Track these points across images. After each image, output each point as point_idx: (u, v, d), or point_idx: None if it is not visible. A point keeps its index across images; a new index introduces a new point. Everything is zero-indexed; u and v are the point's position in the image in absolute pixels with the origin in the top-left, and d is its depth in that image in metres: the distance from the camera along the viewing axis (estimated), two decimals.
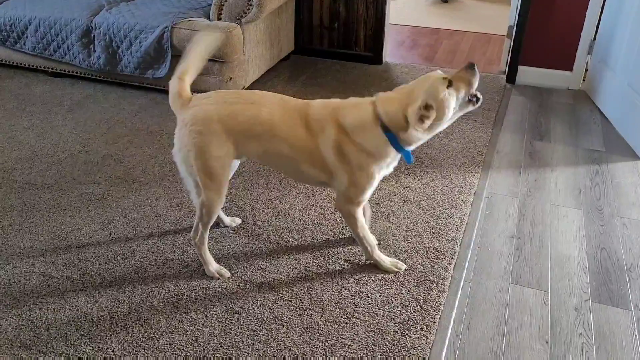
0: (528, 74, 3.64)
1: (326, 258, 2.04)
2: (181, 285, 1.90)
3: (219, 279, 1.91)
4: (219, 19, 3.17)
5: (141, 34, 3.13)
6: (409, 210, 2.33)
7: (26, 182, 2.47)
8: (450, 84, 1.61)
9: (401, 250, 2.09)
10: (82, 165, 2.60)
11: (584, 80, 3.58)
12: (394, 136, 1.68)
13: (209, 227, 1.87)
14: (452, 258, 2.06)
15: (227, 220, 2.19)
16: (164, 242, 2.10)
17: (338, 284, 1.92)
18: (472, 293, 1.93)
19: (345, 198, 1.80)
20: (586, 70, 3.55)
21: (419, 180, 2.55)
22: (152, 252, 2.05)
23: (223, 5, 3.12)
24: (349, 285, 1.91)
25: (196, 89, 3.27)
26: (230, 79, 3.18)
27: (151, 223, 2.21)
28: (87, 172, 2.55)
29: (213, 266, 1.93)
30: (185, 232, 2.16)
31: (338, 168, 1.73)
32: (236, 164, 2.02)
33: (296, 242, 2.11)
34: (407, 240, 2.14)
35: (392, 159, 1.76)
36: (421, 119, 1.61)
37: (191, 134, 1.71)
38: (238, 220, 2.21)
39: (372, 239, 1.95)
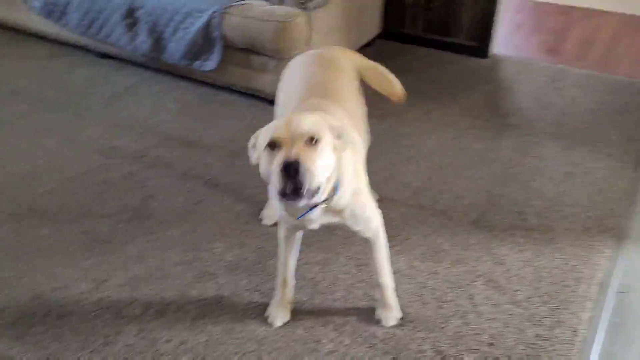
0: None
1: None
2: None
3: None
4: (282, 3, 2.54)
5: (187, 18, 2.59)
6: (497, 305, 1.65)
7: (30, 206, 2.07)
8: (272, 147, 1.24)
9: None
10: (96, 187, 2.16)
11: None
12: None
13: None
14: None
15: None
16: (156, 323, 1.60)
17: None
18: None
19: None
20: None
21: (518, 252, 1.83)
22: (142, 339, 1.57)
23: None
24: None
25: (249, 86, 2.76)
26: None
27: (153, 286, 1.73)
28: (100, 198, 2.10)
29: None
30: (190, 306, 1.66)
31: None
32: None
33: None
34: None
35: None
36: None
37: None
38: None
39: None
